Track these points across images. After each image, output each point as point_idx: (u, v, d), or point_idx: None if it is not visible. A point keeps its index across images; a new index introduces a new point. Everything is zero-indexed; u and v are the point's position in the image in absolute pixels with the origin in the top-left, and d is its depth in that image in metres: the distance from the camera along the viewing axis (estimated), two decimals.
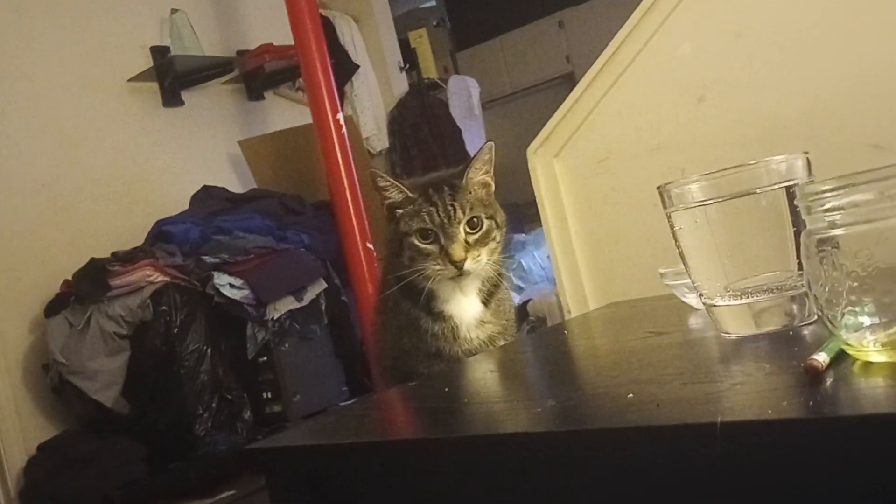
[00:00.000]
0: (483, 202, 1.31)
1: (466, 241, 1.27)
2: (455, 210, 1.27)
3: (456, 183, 1.30)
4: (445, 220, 1.27)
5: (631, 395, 0.76)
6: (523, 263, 3.90)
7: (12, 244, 3.10)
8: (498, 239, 1.31)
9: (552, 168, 1.67)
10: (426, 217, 1.27)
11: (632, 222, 1.59)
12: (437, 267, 1.26)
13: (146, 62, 3.61)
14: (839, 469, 0.59)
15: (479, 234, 1.28)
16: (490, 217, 1.30)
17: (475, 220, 1.28)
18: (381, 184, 1.31)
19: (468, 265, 1.26)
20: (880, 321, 0.67)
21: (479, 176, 1.32)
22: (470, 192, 1.30)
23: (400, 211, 1.31)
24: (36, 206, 3.20)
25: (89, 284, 2.85)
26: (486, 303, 1.34)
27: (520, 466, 0.73)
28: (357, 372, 3.18)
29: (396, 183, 1.31)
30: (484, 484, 0.76)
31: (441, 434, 0.83)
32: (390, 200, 1.32)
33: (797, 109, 1.38)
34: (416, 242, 1.28)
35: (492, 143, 1.34)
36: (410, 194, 1.30)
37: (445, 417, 0.90)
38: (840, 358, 0.71)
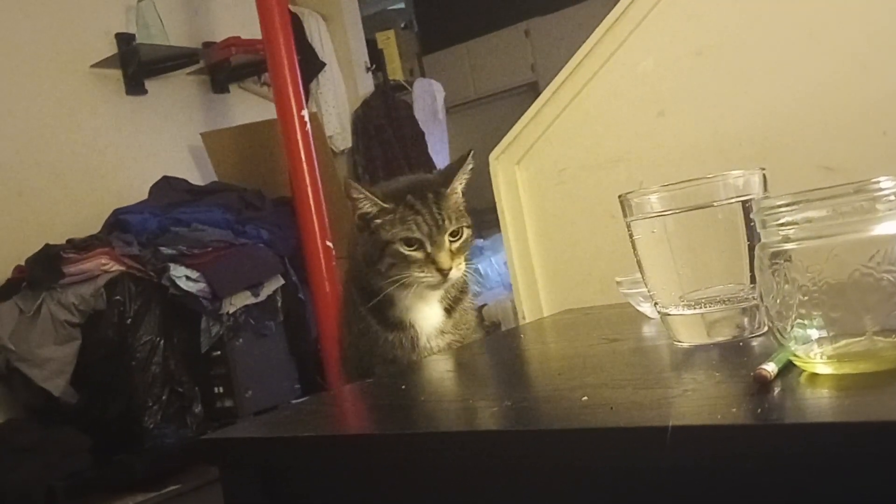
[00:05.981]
0: (459, 210, 1.32)
1: (451, 250, 1.28)
2: (443, 219, 1.27)
3: (441, 191, 1.30)
4: (434, 229, 1.26)
5: (585, 397, 0.78)
6: (480, 268, 3.91)
7: None
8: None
9: (513, 175, 1.69)
10: (413, 225, 1.26)
11: (589, 231, 1.61)
12: (421, 274, 1.26)
13: (110, 49, 3.57)
14: (785, 474, 0.61)
15: (460, 242, 1.29)
16: (469, 226, 1.31)
17: (458, 229, 1.29)
18: (355, 195, 1.28)
19: (453, 273, 1.27)
20: (828, 335, 0.70)
21: (461, 185, 1.33)
22: (452, 201, 1.31)
23: (378, 221, 1.28)
24: None
25: (42, 270, 2.81)
26: (449, 311, 1.35)
27: (473, 465, 0.74)
28: (310, 370, 3.16)
29: (370, 195, 1.28)
30: (436, 481, 0.77)
31: (395, 431, 0.83)
32: (362, 211, 1.29)
33: (752, 128, 1.41)
34: (401, 250, 1.26)
35: (472, 150, 1.35)
36: (385, 204, 1.28)
37: (400, 414, 0.91)
38: (788, 369, 0.73)
